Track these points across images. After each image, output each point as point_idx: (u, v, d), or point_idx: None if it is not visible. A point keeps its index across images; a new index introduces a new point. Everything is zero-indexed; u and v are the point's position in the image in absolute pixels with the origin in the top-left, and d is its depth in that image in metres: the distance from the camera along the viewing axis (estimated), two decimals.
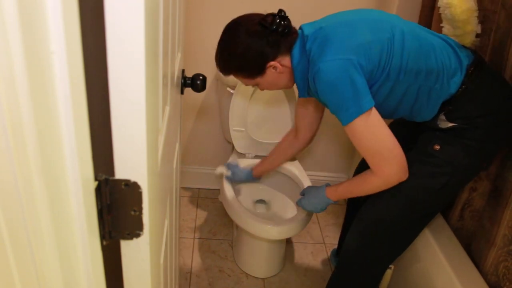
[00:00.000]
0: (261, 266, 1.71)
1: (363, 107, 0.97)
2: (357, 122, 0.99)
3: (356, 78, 0.96)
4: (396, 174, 1.05)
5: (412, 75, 1.02)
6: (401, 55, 1.01)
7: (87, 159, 0.38)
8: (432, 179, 1.10)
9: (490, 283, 1.17)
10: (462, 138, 1.07)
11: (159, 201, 0.65)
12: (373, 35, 1.01)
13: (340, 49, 0.99)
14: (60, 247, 0.37)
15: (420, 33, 1.07)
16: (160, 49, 0.59)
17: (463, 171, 1.10)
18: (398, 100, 1.08)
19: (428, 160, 1.10)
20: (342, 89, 0.97)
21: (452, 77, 1.05)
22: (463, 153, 1.07)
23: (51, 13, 0.30)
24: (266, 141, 1.77)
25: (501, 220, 1.13)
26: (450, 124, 1.07)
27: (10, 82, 0.28)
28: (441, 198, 1.16)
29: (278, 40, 1.06)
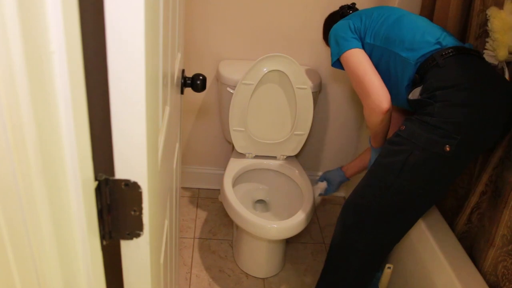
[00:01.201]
0: (261, 266, 1.71)
1: (345, 47, 1.27)
2: (342, 59, 1.29)
3: (347, 32, 1.29)
4: (374, 101, 1.19)
5: (388, 42, 1.23)
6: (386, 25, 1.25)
7: (87, 159, 0.38)
8: (392, 157, 1.13)
9: (490, 283, 1.17)
10: (421, 115, 1.09)
11: (159, 201, 0.65)
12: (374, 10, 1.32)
13: (349, 16, 1.36)
14: (60, 247, 0.37)
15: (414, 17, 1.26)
16: (160, 49, 0.59)
17: (422, 149, 1.06)
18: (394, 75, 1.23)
19: (393, 140, 1.15)
20: (336, 37, 1.32)
21: (418, 48, 1.16)
22: (420, 128, 1.07)
23: (51, 13, 0.30)
24: (266, 141, 1.77)
25: (500, 220, 1.13)
26: (418, 97, 1.12)
27: (10, 82, 0.28)
28: (406, 183, 1.12)
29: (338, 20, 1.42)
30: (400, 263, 1.48)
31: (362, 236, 1.27)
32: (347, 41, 1.28)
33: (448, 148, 1.04)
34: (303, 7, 1.75)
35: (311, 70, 1.83)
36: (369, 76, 1.22)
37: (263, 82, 1.66)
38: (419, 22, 1.23)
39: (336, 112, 2.03)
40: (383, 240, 1.28)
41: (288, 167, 1.79)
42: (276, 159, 1.83)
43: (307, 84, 1.66)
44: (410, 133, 1.09)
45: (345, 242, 1.31)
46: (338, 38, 1.31)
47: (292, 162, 1.82)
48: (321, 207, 2.17)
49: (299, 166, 1.80)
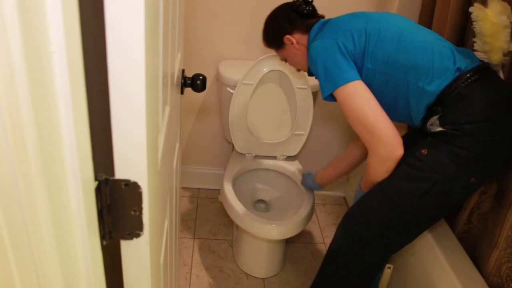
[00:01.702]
0: (261, 266, 1.70)
1: (341, 80, 1.05)
2: (337, 94, 1.08)
3: (337, 56, 1.07)
4: (385, 149, 1.04)
5: (399, 69, 1.06)
6: (387, 46, 1.07)
7: (87, 159, 0.38)
8: (413, 183, 1.07)
9: (493, 284, 1.16)
10: (449, 145, 1.03)
11: (159, 201, 0.65)
12: (364, 24, 1.11)
13: (332, 32, 1.12)
14: (60, 247, 0.37)
15: (419, 32, 1.10)
16: (160, 49, 0.59)
17: (447, 181, 1.05)
18: (393, 98, 1.10)
19: (414, 164, 1.07)
20: (325, 64, 1.08)
21: (438, 77, 1.04)
22: (448, 160, 1.02)
23: (51, 13, 0.30)
24: (266, 141, 1.77)
25: (504, 222, 1.13)
26: (439, 128, 1.04)
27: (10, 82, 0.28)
28: (422, 207, 1.10)
29: (296, 18, 1.24)
30: (400, 263, 1.48)
31: (365, 247, 1.23)
32: (342, 71, 1.06)
33: (474, 180, 1.05)
34: None
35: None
36: (378, 117, 1.03)
37: (263, 82, 1.66)
38: (427, 40, 1.08)
39: (336, 112, 2.02)
40: (386, 251, 1.27)
41: (288, 167, 1.79)
42: (276, 159, 1.83)
43: (307, 84, 1.66)
44: (436, 162, 1.04)
45: (346, 251, 1.26)
46: (328, 66, 1.08)
47: (292, 162, 1.82)
48: (321, 207, 2.17)
49: (299, 166, 1.80)
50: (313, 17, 1.25)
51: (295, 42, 1.25)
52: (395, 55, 1.06)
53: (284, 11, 1.27)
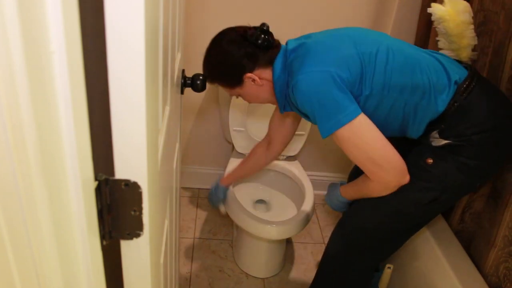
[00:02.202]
0: (261, 266, 1.70)
1: (345, 118, 0.95)
2: (341, 133, 0.97)
3: (334, 90, 0.94)
4: (394, 179, 1.01)
5: (397, 90, 1.00)
6: (385, 69, 0.99)
7: (87, 159, 0.38)
8: (421, 193, 1.06)
9: (491, 284, 1.17)
10: (457, 155, 1.02)
11: (159, 201, 0.65)
12: (355, 49, 1.00)
13: (320, 61, 0.98)
14: (60, 247, 0.37)
15: (406, 50, 1.04)
16: (160, 49, 0.59)
17: (455, 189, 1.06)
18: (384, 117, 1.04)
19: (419, 174, 1.05)
20: (321, 101, 0.96)
21: (440, 94, 1.01)
22: (457, 171, 1.02)
23: (51, 13, 0.30)
24: None
25: (501, 221, 1.13)
26: (444, 141, 1.03)
27: (10, 82, 0.28)
28: (428, 212, 1.13)
29: (256, 52, 1.08)
30: (400, 263, 1.48)
31: (364, 253, 1.23)
32: (343, 108, 0.95)
33: (479, 185, 1.09)
34: (303, 7, 1.75)
35: None
36: (386, 147, 0.98)
37: None
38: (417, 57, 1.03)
39: None
40: (384, 255, 1.29)
41: (288, 167, 1.78)
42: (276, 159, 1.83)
43: None
44: (444, 172, 1.03)
45: (344, 257, 1.26)
46: (326, 104, 0.95)
47: (292, 162, 1.82)
48: (321, 207, 2.17)
49: (299, 166, 1.79)
50: (273, 46, 1.10)
51: (257, 79, 1.10)
52: (394, 77, 0.99)
53: (238, 45, 1.08)
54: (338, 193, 1.24)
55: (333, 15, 1.77)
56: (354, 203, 1.21)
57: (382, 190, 1.05)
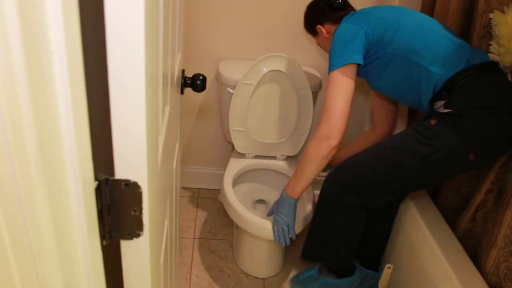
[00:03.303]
0: (261, 266, 1.71)
1: (345, 60, 1.20)
2: (332, 74, 1.21)
3: (355, 39, 1.21)
4: (324, 130, 1.20)
5: (412, 51, 1.18)
6: (408, 32, 1.20)
7: (87, 159, 0.38)
8: (419, 146, 1.16)
9: (491, 283, 1.17)
10: (456, 121, 1.13)
11: (159, 201, 0.65)
12: (388, 14, 1.25)
13: (358, 19, 1.26)
14: (60, 247, 0.37)
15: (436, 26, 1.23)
16: (160, 49, 0.59)
17: (448, 150, 1.14)
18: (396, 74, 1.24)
19: (421, 130, 1.17)
20: (340, 43, 1.23)
21: (449, 64, 1.15)
22: (452, 132, 1.13)
23: (51, 13, 0.30)
24: (266, 141, 1.77)
25: (502, 221, 1.13)
26: (446, 110, 1.15)
27: (10, 82, 0.28)
28: (417, 171, 1.19)
29: (327, 10, 1.39)
30: (400, 263, 1.48)
31: (353, 196, 1.31)
32: (344, 54, 1.21)
33: (472, 157, 1.14)
34: (303, 7, 1.75)
35: (311, 70, 1.83)
36: (342, 108, 1.19)
37: (263, 82, 1.66)
38: (445, 34, 1.20)
39: None
40: (370, 204, 1.34)
41: (288, 167, 1.79)
42: (276, 159, 1.83)
43: (307, 84, 1.66)
44: (442, 132, 1.14)
45: (334, 197, 1.34)
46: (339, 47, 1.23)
47: (292, 162, 1.82)
48: None
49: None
50: (343, 9, 1.37)
51: (325, 32, 1.40)
52: (412, 40, 1.18)
53: (318, 3, 1.42)
54: (282, 192, 1.37)
55: None
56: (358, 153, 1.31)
57: (315, 144, 1.22)
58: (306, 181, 1.31)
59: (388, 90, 1.34)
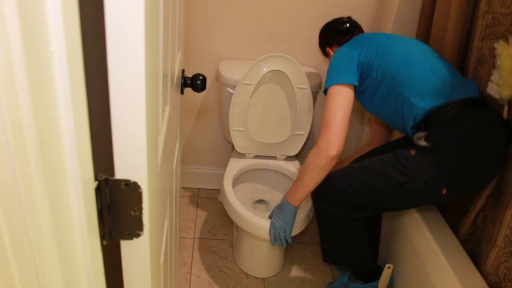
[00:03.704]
0: (261, 266, 1.70)
1: (341, 79, 1.25)
2: (330, 89, 1.26)
3: (349, 63, 1.27)
4: (325, 142, 1.22)
5: (396, 80, 1.24)
6: (395, 61, 1.24)
7: (87, 159, 0.38)
8: (394, 172, 1.21)
9: (491, 284, 1.16)
10: (433, 155, 1.17)
11: (159, 201, 0.65)
12: (381, 41, 1.30)
13: (355, 43, 1.34)
14: (60, 247, 0.37)
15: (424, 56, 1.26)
16: (160, 49, 0.59)
17: (422, 182, 1.18)
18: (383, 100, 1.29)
19: (400, 158, 1.22)
20: (336, 65, 1.30)
21: (430, 97, 1.18)
22: (429, 166, 1.17)
23: (51, 13, 0.30)
24: (266, 141, 1.77)
25: (502, 221, 1.13)
26: (424, 143, 1.18)
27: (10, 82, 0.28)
28: (390, 195, 1.25)
29: (334, 34, 1.49)
30: (400, 263, 1.48)
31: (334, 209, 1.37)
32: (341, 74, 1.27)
33: (444, 192, 1.18)
34: (303, 7, 1.76)
35: (311, 70, 1.83)
36: (340, 121, 1.22)
37: (263, 82, 1.66)
38: (430, 64, 1.23)
39: None
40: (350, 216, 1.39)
41: (288, 167, 1.79)
42: (276, 159, 1.83)
43: (307, 84, 1.66)
44: (418, 164, 1.18)
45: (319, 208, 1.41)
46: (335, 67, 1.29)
47: (292, 162, 1.82)
48: None
49: (299, 166, 1.80)
50: (350, 33, 1.46)
51: (332, 54, 1.49)
52: (397, 72, 1.23)
53: (328, 27, 1.53)
54: (283, 199, 1.40)
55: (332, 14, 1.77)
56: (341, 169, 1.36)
57: (316, 154, 1.24)
58: (305, 190, 1.33)
59: (378, 114, 1.39)
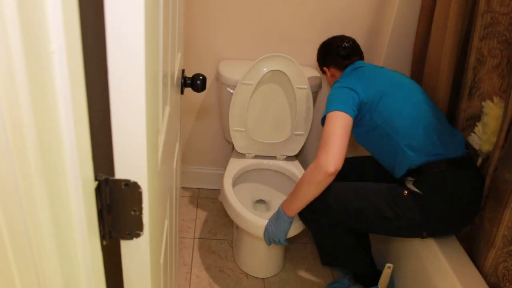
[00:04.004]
0: (261, 266, 1.70)
1: (340, 108, 1.28)
2: (329, 115, 1.29)
3: (350, 99, 1.31)
4: (324, 160, 1.24)
5: (394, 129, 1.30)
6: (394, 111, 1.30)
7: (87, 159, 0.38)
8: (384, 206, 1.30)
9: (490, 283, 1.16)
10: (421, 201, 1.26)
11: (159, 201, 0.65)
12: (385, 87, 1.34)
13: (357, 78, 1.38)
14: (60, 247, 0.37)
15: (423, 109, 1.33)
16: (160, 49, 0.59)
17: (407, 223, 1.28)
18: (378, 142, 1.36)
19: (393, 195, 1.30)
20: (337, 97, 1.33)
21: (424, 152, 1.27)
22: (417, 210, 1.26)
23: (51, 13, 0.30)
24: (266, 141, 1.77)
25: (500, 221, 1.13)
26: (414, 188, 1.28)
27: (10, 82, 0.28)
28: (377, 224, 1.32)
29: (333, 56, 1.51)
30: (400, 263, 1.48)
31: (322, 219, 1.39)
32: (339, 104, 1.29)
33: (425, 235, 1.30)
34: (303, 7, 1.75)
35: (311, 70, 1.83)
36: (339, 140, 1.25)
37: (263, 82, 1.66)
38: (426, 116, 1.31)
39: None
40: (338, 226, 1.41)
41: (288, 167, 1.78)
42: (276, 159, 1.83)
43: (307, 84, 1.66)
44: (408, 205, 1.27)
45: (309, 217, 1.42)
46: (334, 98, 1.32)
47: (292, 162, 1.82)
48: None
49: (299, 166, 1.80)
50: (348, 59, 1.48)
51: (329, 74, 1.54)
52: (397, 120, 1.29)
53: (327, 48, 1.53)
54: (280, 207, 1.42)
55: (332, 15, 1.77)
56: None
57: (315, 168, 1.26)
58: (301, 202, 1.34)
59: (368, 149, 1.45)
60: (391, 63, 1.72)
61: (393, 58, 1.72)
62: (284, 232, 1.41)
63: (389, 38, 1.69)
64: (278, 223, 1.41)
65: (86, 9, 0.36)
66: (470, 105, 1.38)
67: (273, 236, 1.42)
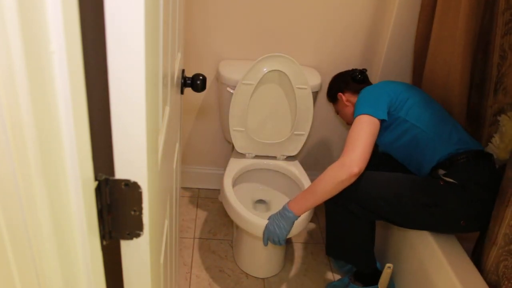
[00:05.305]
0: (261, 266, 1.70)
1: (370, 111, 1.32)
2: (359, 117, 1.32)
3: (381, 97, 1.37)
4: (349, 160, 1.25)
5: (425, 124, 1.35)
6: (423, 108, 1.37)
7: (87, 159, 0.38)
8: (422, 193, 1.30)
9: (491, 282, 1.16)
10: (458, 190, 1.27)
11: (159, 201, 0.65)
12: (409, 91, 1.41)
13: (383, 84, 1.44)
14: (60, 247, 0.37)
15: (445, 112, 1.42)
16: (160, 49, 0.59)
17: (444, 210, 1.28)
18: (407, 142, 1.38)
19: (430, 185, 1.31)
20: (369, 97, 1.38)
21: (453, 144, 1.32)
22: (455, 198, 1.27)
23: (51, 13, 0.30)
24: (266, 141, 1.77)
25: (502, 219, 1.13)
26: (448, 179, 1.29)
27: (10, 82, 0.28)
28: (411, 212, 1.31)
29: (349, 81, 1.58)
30: (400, 263, 1.48)
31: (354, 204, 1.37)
32: (372, 106, 1.34)
33: (463, 223, 1.28)
34: (304, 7, 1.75)
35: (311, 70, 1.83)
36: (365, 143, 1.27)
37: (263, 82, 1.66)
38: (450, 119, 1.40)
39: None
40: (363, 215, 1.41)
41: (288, 167, 1.78)
42: (276, 159, 1.83)
43: (307, 84, 1.66)
44: (446, 193, 1.27)
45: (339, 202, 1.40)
46: (367, 99, 1.37)
47: (292, 162, 1.82)
48: (321, 207, 2.17)
49: (299, 166, 1.79)
50: (364, 83, 1.56)
51: (344, 99, 1.57)
52: (423, 115, 1.35)
53: (343, 75, 1.62)
54: (285, 205, 1.39)
55: (332, 14, 1.77)
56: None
57: (338, 167, 1.26)
58: (315, 200, 1.32)
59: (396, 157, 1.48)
60: (391, 61, 1.72)
61: (393, 53, 1.72)
62: (286, 231, 1.40)
63: (390, 34, 1.69)
64: (281, 223, 1.39)
65: (86, 9, 0.36)
66: (496, 101, 1.41)
67: (274, 235, 1.40)
